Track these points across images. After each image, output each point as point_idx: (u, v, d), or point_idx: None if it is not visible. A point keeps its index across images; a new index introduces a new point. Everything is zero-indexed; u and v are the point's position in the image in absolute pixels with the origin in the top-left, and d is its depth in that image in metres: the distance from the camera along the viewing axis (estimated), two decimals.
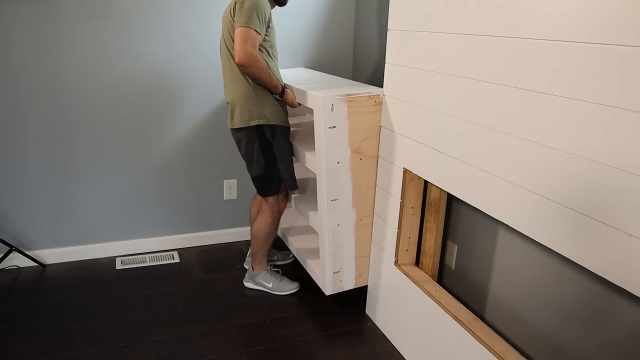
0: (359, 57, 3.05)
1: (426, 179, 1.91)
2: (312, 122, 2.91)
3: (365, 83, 2.97)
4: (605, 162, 1.20)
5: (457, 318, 1.84)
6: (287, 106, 2.41)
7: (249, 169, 2.38)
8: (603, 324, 1.49)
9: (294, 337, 2.25)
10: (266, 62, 2.16)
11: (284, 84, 2.30)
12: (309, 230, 2.91)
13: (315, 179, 2.89)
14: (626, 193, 1.16)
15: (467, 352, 1.77)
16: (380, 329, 2.32)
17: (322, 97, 2.02)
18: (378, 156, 2.20)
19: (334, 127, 2.07)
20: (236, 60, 2.08)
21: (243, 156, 2.37)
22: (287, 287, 2.60)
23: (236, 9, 2.09)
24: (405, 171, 2.04)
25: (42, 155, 2.66)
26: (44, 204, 2.74)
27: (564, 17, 1.27)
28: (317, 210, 2.39)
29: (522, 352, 1.76)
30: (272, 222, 2.48)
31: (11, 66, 2.49)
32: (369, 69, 2.93)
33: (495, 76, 1.51)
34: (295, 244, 2.74)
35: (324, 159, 2.09)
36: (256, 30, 2.07)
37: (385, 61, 2.08)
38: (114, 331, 2.25)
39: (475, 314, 1.95)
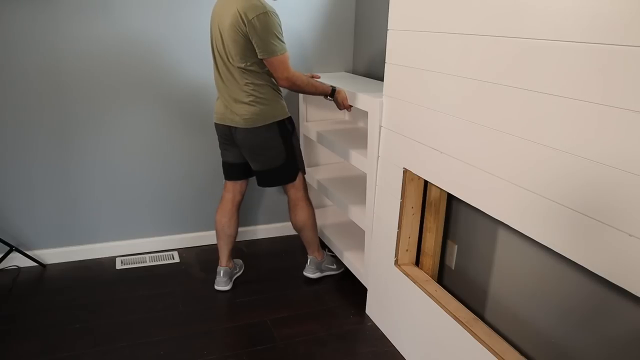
0: (359, 55, 3.05)
1: (426, 179, 1.91)
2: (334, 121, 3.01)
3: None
4: (606, 162, 1.20)
5: (457, 318, 1.84)
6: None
7: (269, 163, 2.34)
8: (603, 324, 1.49)
9: (294, 337, 2.25)
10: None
11: (332, 86, 2.36)
12: (347, 228, 2.98)
13: (351, 180, 2.95)
14: (626, 193, 1.16)
15: (467, 352, 1.77)
16: (380, 329, 2.32)
17: (377, 100, 2.13)
18: (379, 156, 2.20)
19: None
20: (281, 87, 2.22)
21: (258, 153, 2.32)
22: (340, 264, 2.76)
23: (250, 30, 2.06)
24: (405, 171, 2.04)
25: (42, 155, 2.66)
26: (44, 203, 2.74)
27: (564, 17, 1.27)
28: (359, 206, 2.50)
29: (522, 352, 1.76)
30: (311, 206, 2.55)
31: (11, 65, 2.49)
32: (369, 69, 2.93)
33: (495, 76, 1.51)
34: (337, 244, 2.78)
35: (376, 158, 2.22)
36: (283, 53, 2.13)
37: (385, 61, 2.08)
38: (114, 331, 2.25)
39: (475, 314, 1.95)
